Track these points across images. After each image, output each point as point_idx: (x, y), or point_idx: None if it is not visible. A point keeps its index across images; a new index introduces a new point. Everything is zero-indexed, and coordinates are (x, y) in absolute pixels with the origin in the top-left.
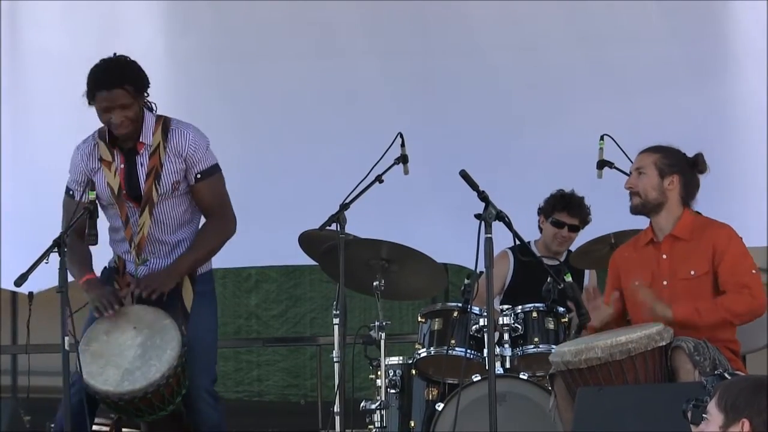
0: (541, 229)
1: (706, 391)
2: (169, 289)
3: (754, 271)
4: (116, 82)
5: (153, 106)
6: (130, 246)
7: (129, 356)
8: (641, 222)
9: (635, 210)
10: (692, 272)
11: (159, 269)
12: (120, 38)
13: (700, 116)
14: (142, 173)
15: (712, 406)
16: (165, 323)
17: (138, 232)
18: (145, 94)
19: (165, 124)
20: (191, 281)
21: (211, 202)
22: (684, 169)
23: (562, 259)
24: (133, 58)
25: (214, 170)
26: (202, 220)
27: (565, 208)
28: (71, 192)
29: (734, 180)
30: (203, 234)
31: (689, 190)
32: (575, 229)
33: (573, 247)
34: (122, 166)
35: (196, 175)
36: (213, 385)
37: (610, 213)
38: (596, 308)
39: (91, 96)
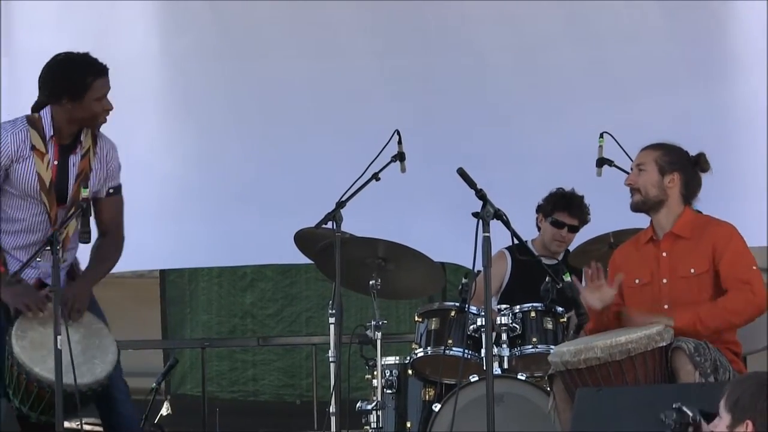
0: (539, 228)
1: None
2: (88, 301)
3: (754, 267)
4: (107, 68)
5: None
6: (51, 245)
7: (71, 350)
8: (641, 221)
9: (635, 207)
10: (692, 270)
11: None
12: (115, 38)
13: (701, 116)
14: (72, 173)
15: (721, 405)
16: (100, 326)
17: (63, 232)
18: None
19: (92, 129)
20: None
21: (113, 219)
22: (685, 166)
23: (559, 258)
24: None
25: (121, 189)
26: None
27: (565, 208)
28: None
29: (734, 180)
30: (106, 251)
31: (690, 188)
32: (574, 229)
33: (571, 247)
34: (56, 162)
35: (109, 189)
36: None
37: (609, 212)
38: (599, 288)
39: (87, 85)
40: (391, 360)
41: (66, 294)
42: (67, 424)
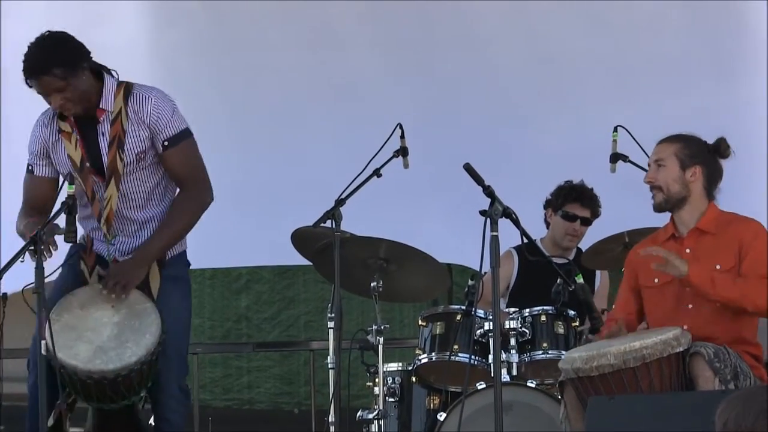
0: (547, 224)
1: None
2: (140, 280)
3: None
4: (41, 68)
5: (113, 72)
6: (99, 222)
7: (104, 334)
8: (657, 220)
9: (658, 208)
10: (718, 266)
11: (127, 249)
12: (103, 31)
13: (718, 112)
14: (104, 143)
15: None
16: (146, 306)
17: (106, 206)
18: (83, 65)
19: (127, 88)
20: (159, 265)
21: (182, 171)
22: (706, 158)
23: (571, 257)
24: (63, 32)
25: (184, 135)
26: None
27: (576, 199)
28: (31, 167)
29: (753, 176)
30: (174, 210)
31: (713, 180)
32: (587, 222)
33: (584, 246)
34: (78, 137)
35: (163, 142)
36: (185, 377)
37: (623, 210)
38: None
39: (28, 82)
40: (393, 366)
41: (111, 272)
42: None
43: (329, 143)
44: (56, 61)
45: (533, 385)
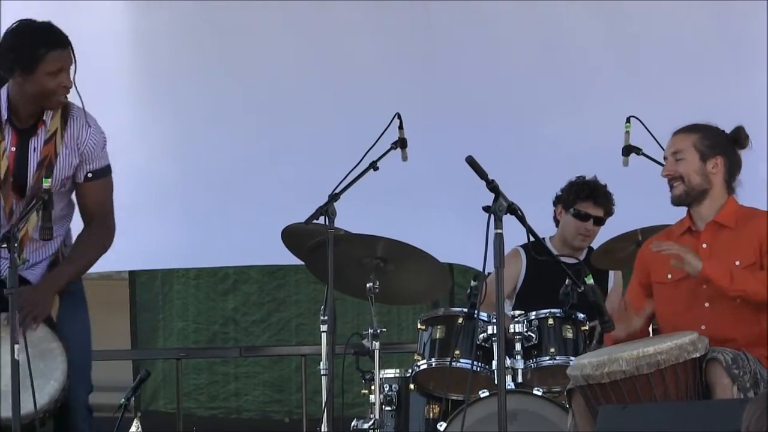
0: (557, 222)
1: None
2: (49, 312)
3: None
4: (67, 40)
5: None
6: (5, 241)
7: (6, 377)
8: (672, 216)
9: (678, 200)
10: (737, 262)
11: (33, 268)
12: (81, 15)
13: (733, 106)
14: (33, 160)
15: None
16: (52, 346)
17: (22, 228)
18: None
19: (65, 108)
20: None
21: (95, 207)
22: (727, 148)
23: (581, 257)
24: None
25: (107, 172)
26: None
27: (589, 196)
28: None
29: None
30: (84, 245)
31: (733, 172)
32: (600, 221)
33: (594, 245)
34: (13, 149)
35: (87, 173)
36: (88, 396)
37: (636, 206)
38: (623, 319)
39: (38, 57)
40: (390, 373)
41: (21, 301)
42: None
43: (322, 134)
44: (66, 37)
45: (539, 393)
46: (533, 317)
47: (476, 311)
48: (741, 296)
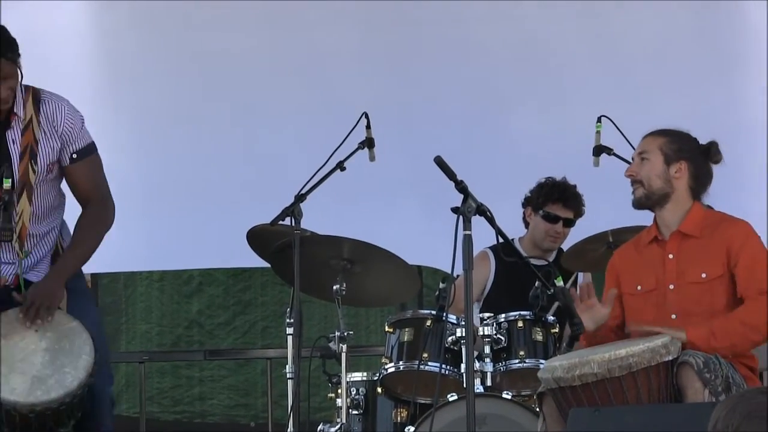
0: (527, 224)
1: None
2: (61, 300)
3: None
4: (6, 49)
5: (19, 72)
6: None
7: (37, 362)
8: (643, 218)
9: (638, 203)
10: (703, 275)
11: (29, 266)
12: (39, 11)
13: (713, 112)
14: (15, 152)
15: None
16: (71, 326)
17: (18, 221)
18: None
19: (35, 94)
20: None
21: (88, 187)
22: (694, 156)
23: (551, 259)
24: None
25: (91, 150)
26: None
27: (559, 198)
28: None
29: (745, 176)
30: (83, 229)
31: (700, 181)
32: (570, 223)
33: (565, 246)
34: None
35: (71, 155)
36: (111, 388)
37: (607, 207)
38: (590, 307)
39: None
40: (357, 376)
41: (30, 295)
42: None
43: (289, 133)
44: (9, 45)
45: (509, 397)
46: (502, 320)
47: (445, 314)
48: (730, 351)
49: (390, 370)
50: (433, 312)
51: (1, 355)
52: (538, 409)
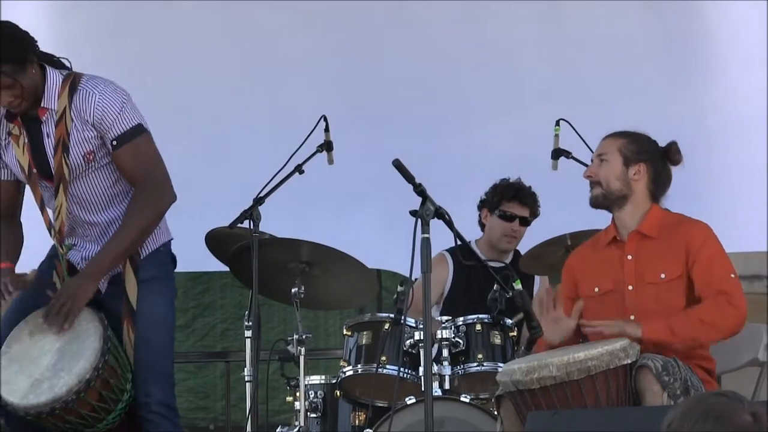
0: (482, 226)
1: None
2: (89, 298)
3: (732, 276)
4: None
5: (65, 61)
6: (50, 232)
7: (43, 364)
8: (602, 222)
9: (594, 202)
10: (662, 275)
11: (93, 255)
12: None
13: (674, 116)
14: (49, 146)
15: None
16: (88, 327)
17: (56, 215)
18: (32, 59)
19: (73, 83)
20: (133, 268)
21: (134, 172)
22: (653, 157)
23: (507, 261)
24: (8, 22)
25: (135, 133)
26: None
27: (515, 197)
28: None
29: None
30: (127, 215)
31: (658, 183)
32: (526, 222)
33: (523, 249)
34: (26, 140)
35: (111, 141)
36: (172, 393)
37: (566, 211)
38: (556, 321)
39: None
40: (315, 379)
41: (55, 296)
42: None
43: (246, 136)
44: (6, 54)
45: (467, 400)
46: (461, 323)
47: (403, 317)
48: (691, 345)
49: (348, 373)
50: (392, 315)
51: (11, 354)
52: (496, 413)
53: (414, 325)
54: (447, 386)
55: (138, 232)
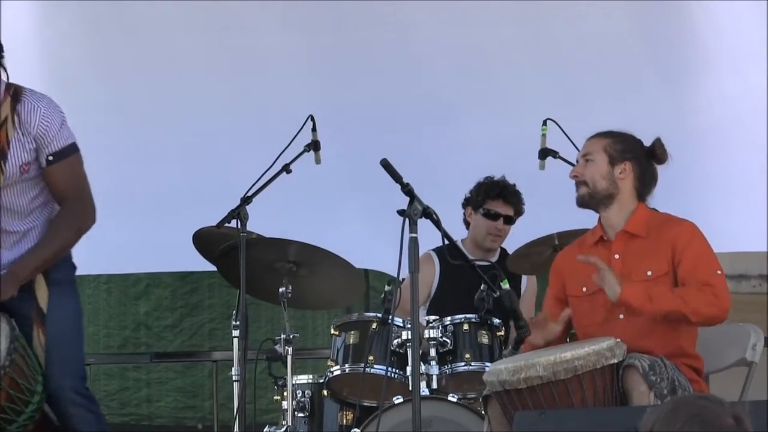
0: (467, 224)
1: None
2: (7, 297)
3: (719, 272)
4: None
5: (2, 71)
6: None
7: None
8: (589, 221)
9: (581, 201)
10: (649, 273)
11: (5, 263)
12: None
13: (660, 115)
14: None
15: None
16: None
17: None
18: None
19: (16, 94)
20: (44, 273)
21: (64, 189)
22: (639, 156)
23: (494, 259)
24: None
25: (70, 151)
26: None
27: (499, 195)
28: None
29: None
30: (51, 230)
31: (644, 181)
32: (510, 220)
33: (510, 249)
34: None
35: (47, 156)
36: (84, 383)
37: (553, 210)
38: (542, 327)
39: None
40: (303, 379)
41: None
42: None
43: (234, 136)
44: None
45: (455, 400)
46: (448, 322)
47: (390, 316)
48: (661, 317)
49: (336, 373)
50: (379, 315)
51: None
52: (483, 412)
53: (401, 324)
54: (434, 386)
55: (60, 246)
